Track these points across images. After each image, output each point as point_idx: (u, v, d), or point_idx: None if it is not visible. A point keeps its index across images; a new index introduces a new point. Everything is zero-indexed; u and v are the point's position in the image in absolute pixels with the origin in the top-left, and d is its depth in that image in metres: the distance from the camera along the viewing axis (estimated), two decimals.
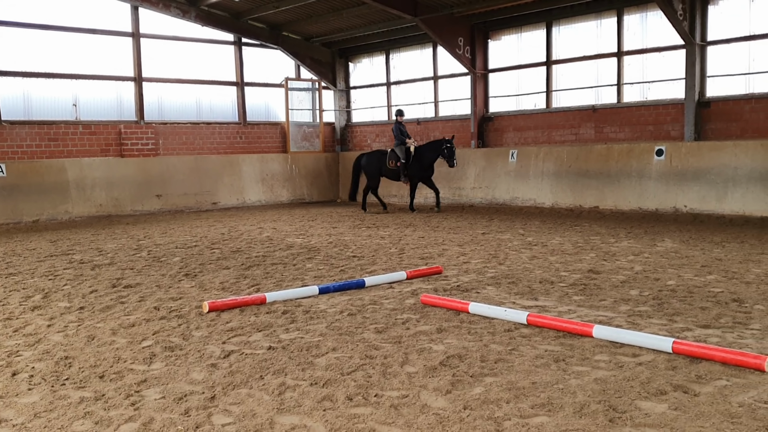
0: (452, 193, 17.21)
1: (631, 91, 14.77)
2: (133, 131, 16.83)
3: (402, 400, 3.88)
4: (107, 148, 16.54)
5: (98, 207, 16.03)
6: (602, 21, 15.04)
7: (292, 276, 7.88)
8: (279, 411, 3.76)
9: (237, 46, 18.95)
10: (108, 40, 16.80)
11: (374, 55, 20.16)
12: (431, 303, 6.22)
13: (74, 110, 16.38)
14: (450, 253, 9.30)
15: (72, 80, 16.30)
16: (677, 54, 13.78)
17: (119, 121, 16.91)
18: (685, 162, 13.22)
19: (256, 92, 19.57)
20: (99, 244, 11.06)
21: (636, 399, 3.81)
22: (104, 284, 7.57)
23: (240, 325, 5.62)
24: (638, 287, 6.76)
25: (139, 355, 4.85)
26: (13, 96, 15.44)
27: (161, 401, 3.94)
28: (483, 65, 17.11)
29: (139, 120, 17.22)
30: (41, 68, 15.82)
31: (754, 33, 12.87)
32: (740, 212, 12.37)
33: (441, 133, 18.28)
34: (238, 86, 19.07)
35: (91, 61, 16.52)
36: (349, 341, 5.09)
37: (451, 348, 4.85)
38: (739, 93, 13.15)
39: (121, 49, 17.00)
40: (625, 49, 14.66)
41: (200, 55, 18.39)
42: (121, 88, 17.13)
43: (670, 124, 13.94)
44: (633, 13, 14.51)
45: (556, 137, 15.81)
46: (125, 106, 17.21)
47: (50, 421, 3.68)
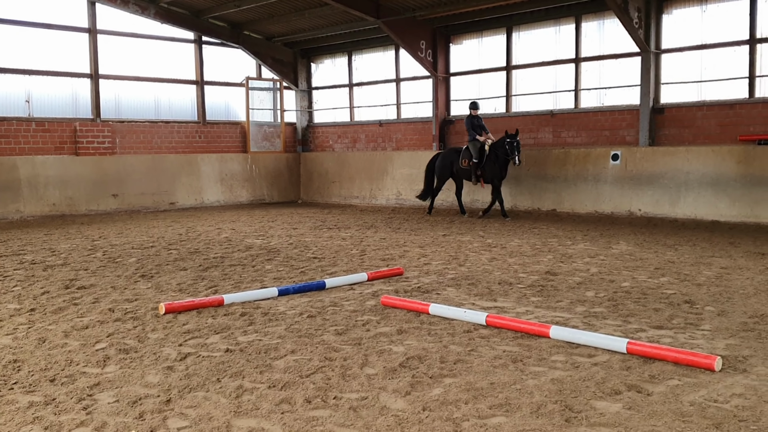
0: (413, 195, 17.26)
1: (588, 96, 15.05)
2: (89, 129, 16.46)
3: (361, 402, 3.87)
4: (62, 146, 16.13)
5: (51, 206, 15.63)
6: (561, 27, 15.28)
7: (251, 277, 7.81)
8: (236, 414, 3.72)
9: (197, 45, 18.70)
10: (63, 36, 16.40)
11: (336, 56, 20.11)
12: (392, 304, 6.23)
13: (27, 106, 15.94)
14: (411, 254, 9.33)
15: (25, 76, 15.86)
16: (633, 61, 14.09)
17: (74, 118, 16.52)
18: (639, 167, 13.51)
19: (217, 91, 19.34)
20: (52, 245, 10.78)
21: (591, 399, 3.88)
22: (57, 285, 7.38)
23: (197, 327, 5.54)
24: (594, 289, 6.88)
25: (93, 358, 4.73)
26: None
27: (115, 405, 3.85)
28: (444, 69, 17.23)
29: (95, 118, 16.85)
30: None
31: (705, 42, 13.24)
32: (692, 216, 12.71)
33: (403, 135, 18.35)
34: (198, 85, 18.82)
35: (46, 57, 16.10)
36: (308, 343, 5.06)
37: (411, 349, 4.87)
38: (691, 100, 13.51)
39: (77, 45, 16.61)
40: (582, 56, 14.93)
41: (159, 53, 18.08)
42: (77, 85, 16.73)
43: (625, 130, 14.24)
44: (590, 21, 14.78)
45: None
46: (81, 104, 16.82)
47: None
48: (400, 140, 18.38)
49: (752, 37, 12.66)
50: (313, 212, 16.35)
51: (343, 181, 19.24)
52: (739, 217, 12.20)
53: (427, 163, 15.42)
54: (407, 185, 17.46)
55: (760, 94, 12.70)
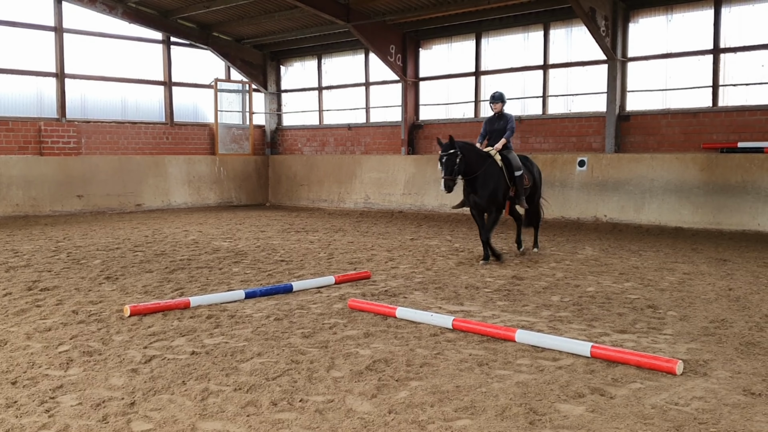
0: (382, 199, 17.31)
1: (555, 103, 15.26)
2: (54, 129, 16.17)
3: (327, 405, 3.87)
4: (25, 146, 15.82)
5: (14, 207, 15.30)
6: (529, 34, 15.48)
7: (218, 280, 7.75)
8: (201, 417, 3.69)
9: (165, 45, 18.50)
10: (28, 34, 16.09)
11: (306, 59, 20.07)
12: (359, 308, 6.24)
13: None
14: (379, 258, 9.35)
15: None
16: (600, 68, 14.33)
17: (39, 118, 16.21)
18: (605, 173, 13.74)
19: (185, 92, 19.14)
20: (15, 245, 10.56)
21: (555, 402, 3.94)
22: (19, 287, 7.24)
23: (162, 330, 5.49)
24: (560, 293, 6.98)
25: (56, 360, 4.65)
26: None
27: (78, 408, 3.80)
28: (414, 73, 17.32)
29: (60, 117, 16.56)
30: None
31: (670, 51, 13.53)
32: (656, 222, 12.96)
33: (372, 139, 18.37)
34: (166, 86, 18.61)
35: (10, 55, 15.77)
36: (275, 346, 5.05)
37: (378, 352, 4.88)
38: (656, 108, 13.79)
39: (42, 43, 16.31)
40: (550, 62, 15.14)
41: (127, 53, 17.84)
42: (42, 84, 16.42)
43: (592, 136, 14.47)
44: (559, 28, 15.00)
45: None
46: (46, 103, 16.51)
47: None
48: (369, 144, 18.41)
49: (716, 47, 12.97)
50: (281, 215, 16.28)
51: (311, 184, 19.20)
52: (701, 224, 12.48)
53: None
54: (376, 189, 17.49)
55: (723, 102, 13.01)
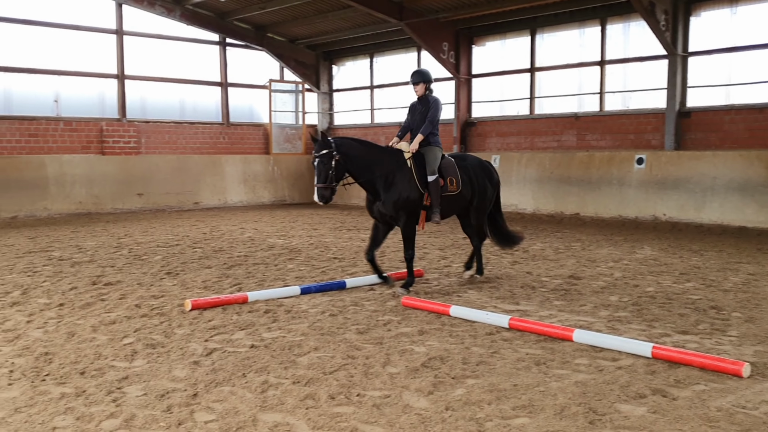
0: None
1: (612, 99, 14.94)
2: (115, 129, 16.68)
3: (384, 400, 3.89)
4: (88, 146, 16.37)
5: (78, 204, 15.85)
6: (585, 30, 15.19)
7: (274, 276, 7.87)
8: (262, 409, 3.76)
9: (222, 47, 18.87)
10: (91, 37, 16.64)
11: (358, 58, 20.17)
12: (412, 305, 6.25)
13: (55, 106, 16.20)
14: (431, 256, 9.33)
15: (54, 76, 16.11)
16: (659, 64, 13.96)
17: (101, 118, 16.75)
18: (665, 171, 13.38)
19: (240, 93, 19.49)
20: (79, 242, 10.94)
21: (615, 402, 3.86)
22: (84, 281, 7.50)
23: (222, 324, 5.61)
24: (618, 293, 6.84)
25: (121, 352, 4.81)
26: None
27: (143, 398, 3.92)
28: (467, 70, 17.21)
29: (121, 118, 17.07)
30: (23, 63, 15.62)
31: (734, 45, 13.08)
32: (718, 221, 12.55)
33: None
34: (222, 87, 18.99)
35: (74, 58, 16.34)
36: (330, 341, 5.10)
37: (433, 350, 4.88)
38: (719, 104, 13.34)
39: (104, 46, 16.84)
40: (607, 58, 14.82)
41: (184, 55, 18.27)
42: (104, 86, 16.97)
43: (650, 133, 14.11)
44: (616, 23, 14.68)
45: (538, 143, 15.94)
46: (107, 104, 17.05)
47: (31, 416, 3.65)
48: None
49: None
50: (333, 213, 16.41)
51: None
52: (767, 223, 12.02)
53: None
54: None
55: None
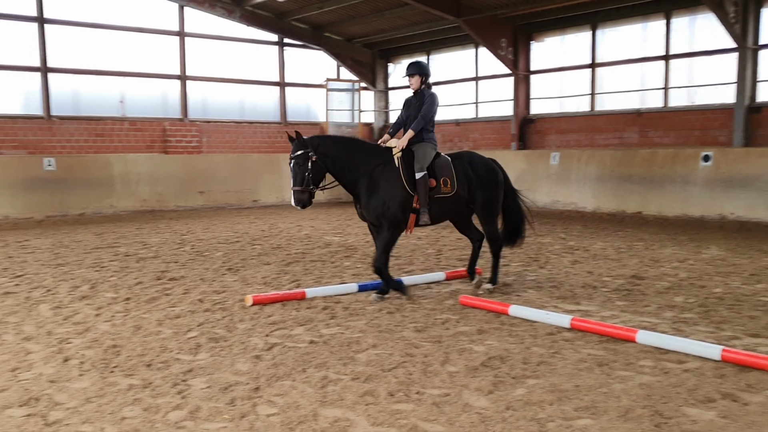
0: None
1: (677, 95, 14.48)
2: (177, 129, 17.14)
3: (444, 398, 3.88)
4: (152, 145, 16.86)
5: (142, 202, 16.34)
6: (649, 24, 14.77)
7: (331, 273, 7.94)
8: (322, 404, 3.80)
9: (280, 47, 19.14)
10: (155, 39, 17.12)
11: (414, 56, 20.15)
12: (471, 304, 6.21)
13: (121, 107, 16.73)
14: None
15: (119, 77, 16.65)
16: (726, 57, 13.46)
17: (164, 118, 17.22)
18: (732, 168, 12.90)
19: (297, 92, 19.74)
20: (143, 238, 11.28)
21: (683, 405, 3.75)
22: (149, 276, 7.73)
23: (282, 319, 5.69)
24: (683, 294, 6.63)
25: (185, 346, 4.94)
26: (62, 92, 15.85)
27: (207, 390, 4.01)
28: (525, 66, 16.97)
29: (183, 117, 17.52)
30: (90, 65, 16.19)
31: None
32: None
33: (480, 134, 18.18)
34: (280, 86, 19.26)
35: (138, 59, 16.85)
36: (388, 339, 5.11)
37: (492, 349, 4.84)
38: None
39: (167, 47, 17.31)
40: (672, 53, 14.38)
41: (244, 55, 18.62)
42: (167, 86, 17.44)
43: (717, 130, 13.62)
44: (681, 16, 14.22)
45: (599, 141, 15.60)
46: (170, 104, 17.52)
47: (101, 406, 3.78)
48: (478, 140, 18.23)
49: None
50: None
51: None
52: None
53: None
54: None
55: None
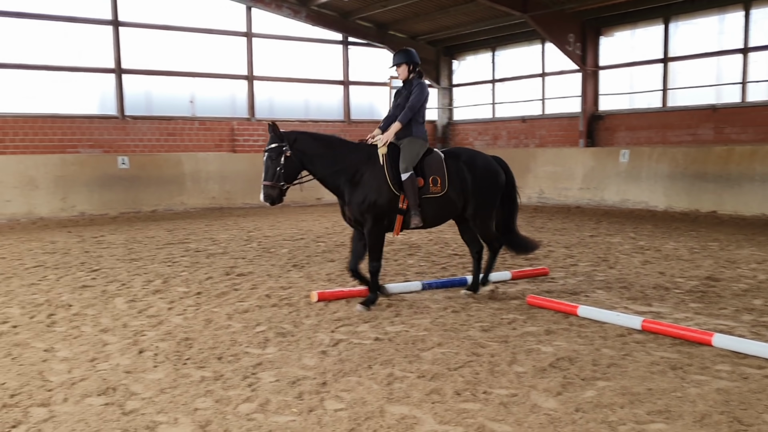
0: (557, 194, 16.79)
1: (756, 89, 13.86)
2: (245, 128, 17.51)
3: (511, 399, 3.83)
4: (221, 144, 17.28)
5: (211, 199, 16.78)
6: (726, 16, 14.19)
7: (395, 271, 7.95)
8: (388, 400, 3.81)
9: (344, 46, 19.30)
10: (223, 40, 17.54)
11: (479, 53, 19.97)
12: (538, 304, 6.11)
13: (191, 107, 17.21)
14: (556, 254, 9.08)
15: (189, 78, 17.13)
16: None
17: (232, 117, 17.63)
18: None
19: (361, 91, 19.86)
20: (212, 234, 11.58)
21: (764, 413, 3.59)
22: (219, 272, 7.92)
23: (347, 316, 5.74)
24: (763, 297, 6.34)
25: (254, 339, 5.04)
26: (135, 93, 16.42)
27: (276, 384, 4.09)
28: (594, 62, 16.58)
29: (250, 117, 17.89)
30: (162, 66, 16.72)
31: None
32: None
33: (547, 131, 17.87)
34: (344, 85, 19.42)
35: (208, 60, 17.30)
36: (454, 337, 5.08)
37: (561, 350, 4.75)
38: None
39: (235, 48, 17.70)
40: (750, 45, 13.77)
41: (308, 55, 18.85)
42: (235, 86, 17.84)
43: None
44: (761, 7, 13.60)
45: (671, 137, 15.09)
46: (238, 104, 17.92)
47: (175, 397, 3.90)
48: (544, 137, 17.93)
49: None
50: None
51: None
52: None
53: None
54: (551, 183, 17.00)
55: None
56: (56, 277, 7.69)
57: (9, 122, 14.45)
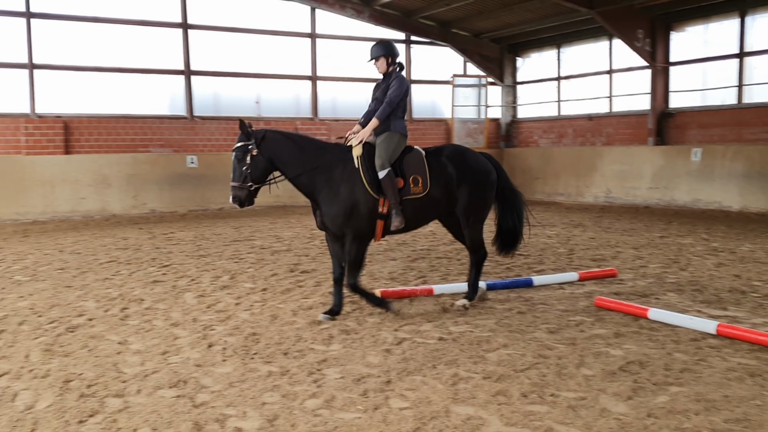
0: (625, 193, 16.35)
1: None
2: (308, 128, 17.72)
3: (579, 402, 3.75)
4: None
5: (275, 198, 16.92)
6: None
7: (457, 270, 7.90)
8: (454, 401, 3.78)
9: (406, 44, 19.29)
10: (288, 41, 17.80)
11: (544, 50, 19.63)
12: (606, 306, 5.96)
13: (257, 107, 17.54)
14: (624, 256, 8.83)
15: (255, 79, 17.45)
16: None
17: (296, 118, 17.87)
18: None
19: (423, 89, 19.81)
20: (277, 232, 11.77)
21: None
22: (283, 269, 8.05)
23: (410, 314, 5.73)
24: None
25: (319, 336, 5.10)
26: (204, 94, 16.84)
27: (341, 381, 4.11)
28: (664, 58, 16.05)
29: (313, 117, 18.10)
30: (229, 68, 17.09)
31: None
32: None
33: (614, 129, 17.41)
34: None
35: (273, 61, 17.59)
36: (520, 339, 5.01)
37: (631, 354, 4.61)
38: None
39: (299, 49, 17.94)
40: None
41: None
42: (298, 87, 18.08)
43: None
44: None
45: (746, 135, 14.47)
46: (301, 104, 18.15)
47: (243, 391, 3.98)
48: (612, 135, 17.48)
49: None
50: None
51: (547, 177, 18.76)
52: None
53: None
54: (618, 182, 16.56)
55: None
56: (129, 272, 7.97)
57: (84, 123, 15.04)
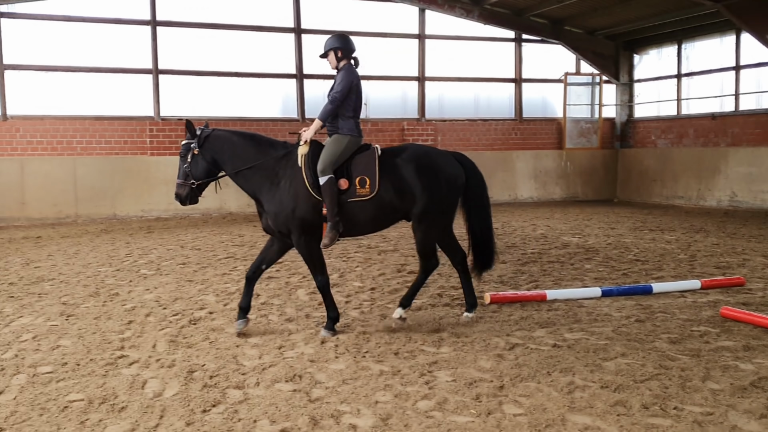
0: (752, 197, 15.31)
1: None
2: (414, 128, 17.80)
3: (706, 417, 3.54)
4: (391, 144, 17.69)
5: None
6: None
7: (571, 275, 7.67)
8: (570, 409, 3.67)
9: (517, 43, 18.96)
10: (396, 42, 17.93)
11: (663, 46, 18.70)
12: (733, 317, 5.60)
13: (365, 109, 17.74)
14: (753, 263, 8.27)
15: (365, 81, 17.65)
16: None
17: (403, 118, 17.99)
18: None
19: (533, 88, 19.40)
20: (383, 232, 11.86)
21: None
22: (390, 268, 8.11)
23: (522, 319, 5.62)
24: None
25: (428, 338, 5.09)
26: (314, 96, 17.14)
27: (453, 384, 4.09)
28: None
29: (420, 117, 18.15)
30: None
31: None
32: None
33: (741, 129, 16.33)
34: (516, 83, 19.08)
35: (381, 63, 17.77)
36: (639, 348, 4.79)
37: (763, 369, 4.31)
38: None
39: (407, 50, 18.03)
40: None
41: (479, 53, 18.74)
42: (406, 88, 18.18)
43: None
44: None
45: None
46: (408, 104, 18.24)
47: (356, 389, 4.03)
48: (738, 135, 16.40)
49: None
50: (630, 212, 15.48)
51: (665, 179, 17.87)
52: None
53: None
54: (745, 185, 15.53)
55: None
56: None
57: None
